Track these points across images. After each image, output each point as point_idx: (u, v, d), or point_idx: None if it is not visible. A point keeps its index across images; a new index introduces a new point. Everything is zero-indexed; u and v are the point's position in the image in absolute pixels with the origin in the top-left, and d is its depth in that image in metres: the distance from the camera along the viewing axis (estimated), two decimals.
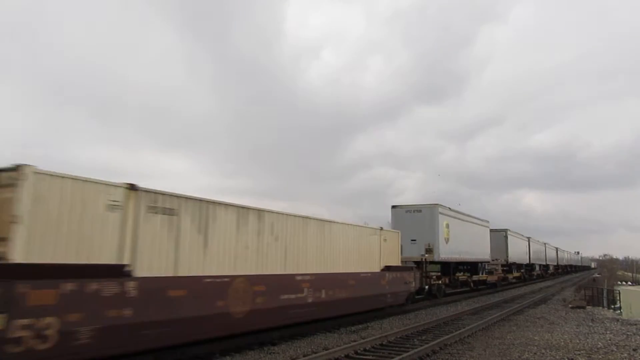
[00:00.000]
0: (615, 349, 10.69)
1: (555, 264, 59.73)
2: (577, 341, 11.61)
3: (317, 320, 12.36)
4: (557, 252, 61.66)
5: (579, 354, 10.02)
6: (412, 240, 20.87)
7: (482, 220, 29.66)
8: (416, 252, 20.81)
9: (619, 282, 59.58)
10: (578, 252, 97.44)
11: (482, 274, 28.81)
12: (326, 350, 9.42)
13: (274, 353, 9.39)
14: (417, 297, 19.35)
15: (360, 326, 13.21)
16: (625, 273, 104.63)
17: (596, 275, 72.81)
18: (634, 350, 10.61)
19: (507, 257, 34.05)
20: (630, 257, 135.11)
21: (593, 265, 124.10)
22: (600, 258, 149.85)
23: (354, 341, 10.52)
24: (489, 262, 30.20)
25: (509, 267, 34.94)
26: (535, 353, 10.02)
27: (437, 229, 21.33)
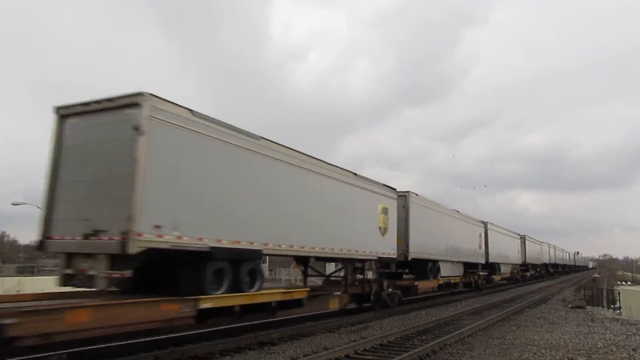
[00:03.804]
0: (615, 349, 10.69)
1: (522, 261, 39.53)
2: (577, 341, 11.61)
3: None
4: (523, 243, 40.16)
5: (579, 354, 10.02)
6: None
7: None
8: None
9: (619, 282, 59.37)
10: (578, 252, 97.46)
11: None
12: (326, 350, 9.42)
13: (274, 353, 9.38)
14: None
15: (360, 326, 13.21)
16: (625, 273, 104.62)
17: (596, 275, 72.80)
18: (634, 350, 10.61)
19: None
20: (630, 257, 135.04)
21: (591, 265, 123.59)
22: (600, 258, 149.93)
23: (354, 341, 10.52)
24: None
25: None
26: (535, 353, 10.02)
27: None
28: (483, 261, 28.65)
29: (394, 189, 17.32)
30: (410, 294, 18.89)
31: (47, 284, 23.29)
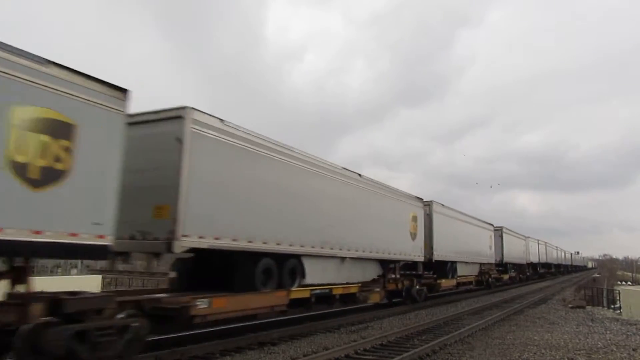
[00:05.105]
0: (615, 349, 10.70)
1: (497, 260, 31.71)
2: (577, 341, 11.61)
3: None
4: (499, 237, 32.47)
5: (579, 354, 10.03)
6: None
7: None
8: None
9: (619, 282, 59.36)
10: (578, 252, 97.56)
11: None
12: (326, 350, 9.42)
13: (274, 353, 9.39)
14: None
15: (360, 326, 13.22)
16: (625, 273, 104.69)
17: (596, 275, 72.80)
18: (634, 350, 10.62)
19: None
20: (630, 257, 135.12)
21: (590, 264, 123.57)
22: (600, 258, 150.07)
23: (354, 341, 10.52)
24: None
25: None
26: (535, 353, 10.02)
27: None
28: (421, 258, 19.09)
29: (122, 90, 6.99)
30: (177, 323, 8.81)
31: (46, 284, 23.34)
